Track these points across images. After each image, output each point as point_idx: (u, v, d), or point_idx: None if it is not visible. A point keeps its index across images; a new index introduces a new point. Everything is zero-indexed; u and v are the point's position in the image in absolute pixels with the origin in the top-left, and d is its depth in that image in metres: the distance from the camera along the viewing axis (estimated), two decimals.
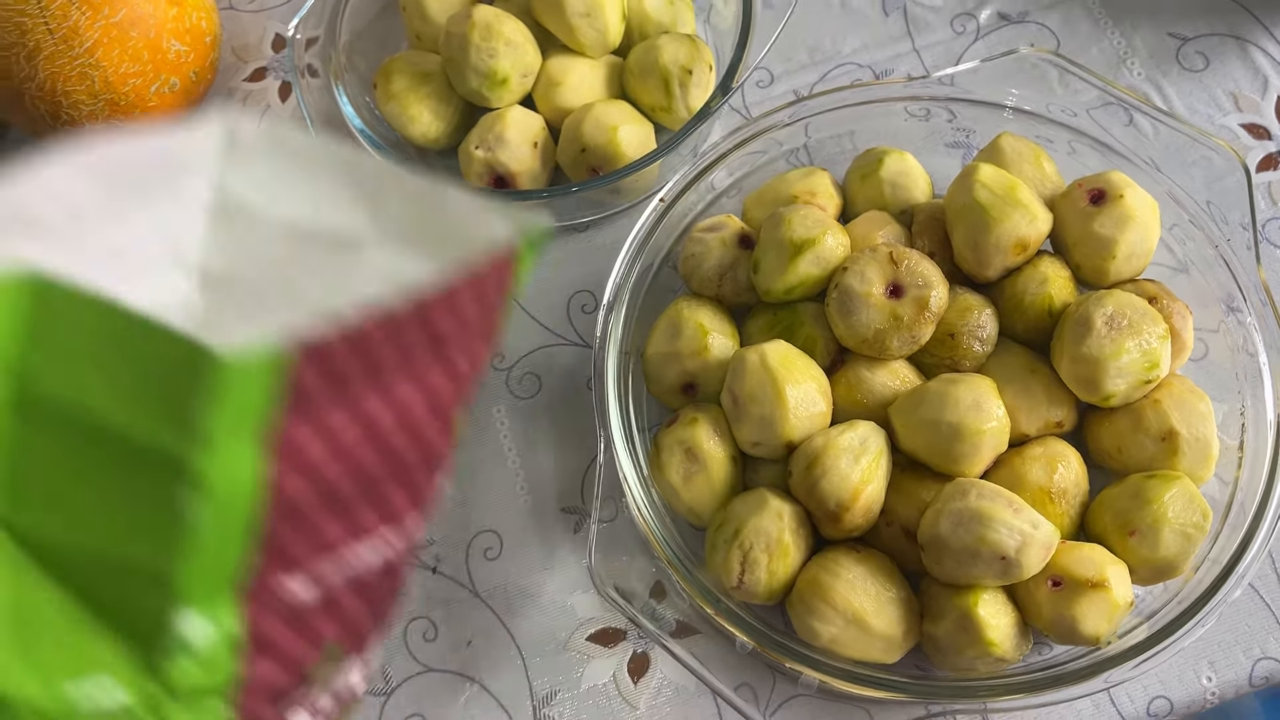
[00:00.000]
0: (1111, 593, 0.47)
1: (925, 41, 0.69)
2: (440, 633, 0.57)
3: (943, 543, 0.48)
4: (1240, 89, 0.65)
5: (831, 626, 0.49)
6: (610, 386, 0.55)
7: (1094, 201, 0.54)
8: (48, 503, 0.26)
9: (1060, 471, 0.51)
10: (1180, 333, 0.53)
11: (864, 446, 0.51)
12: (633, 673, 0.55)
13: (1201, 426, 0.51)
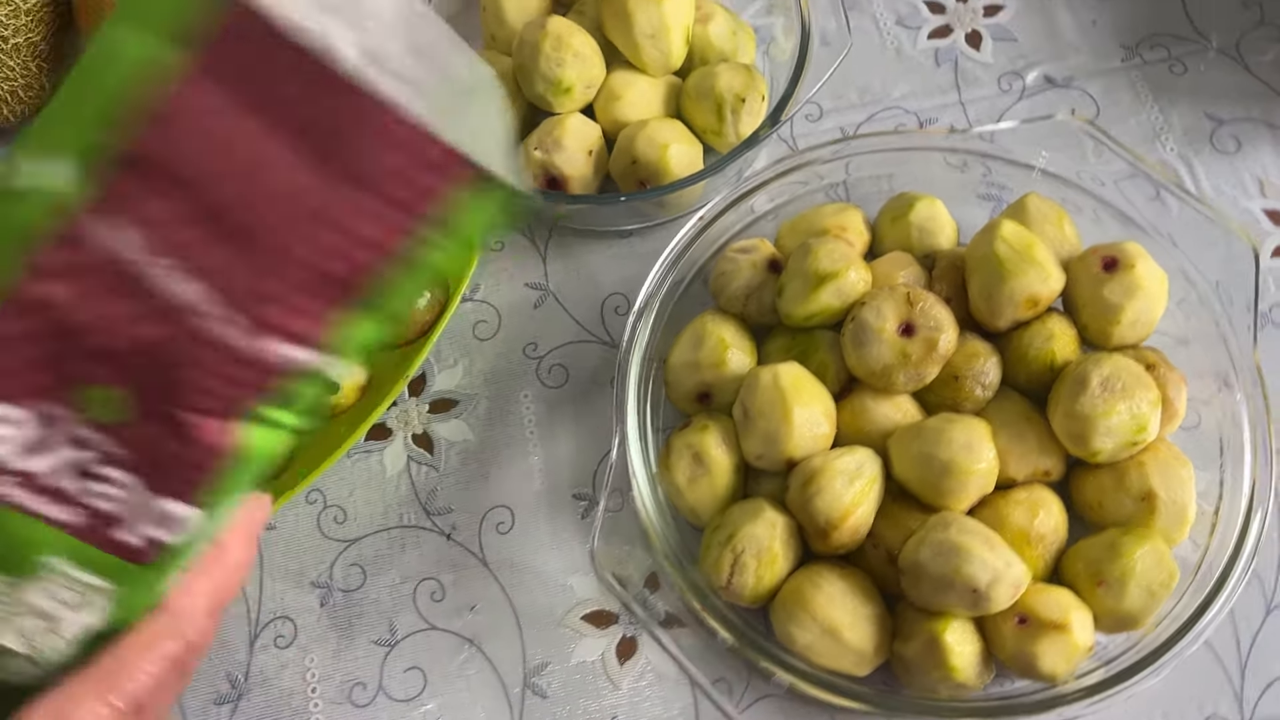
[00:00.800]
0: (1072, 635, 0.51)
1: (971, 95, 0.72)
2: (448, 595, 0.61)
3: (921, 569, 0.51)
4: (1268, 175, 0.67)
5: (808, 634, 0.53)
6: (631, 386, 0.59)
7: (1106, 268, 0.57)
8: None
9: (1041, 517, 0.54)
10: (1173, 401, 0.56)
11: (859, 471, 0.54)
12: (620, 655, 0.59)
13: (1180, 491, 0.54)
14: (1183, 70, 0.71)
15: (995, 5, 0.75)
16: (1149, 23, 0.73)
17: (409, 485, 0.64)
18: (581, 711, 0.58)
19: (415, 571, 0.62)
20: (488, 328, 0.68)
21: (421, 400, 0.66)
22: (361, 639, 0.61)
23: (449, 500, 0.64)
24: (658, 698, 0.58)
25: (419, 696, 0.59)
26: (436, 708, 0.59)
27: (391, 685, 0.59)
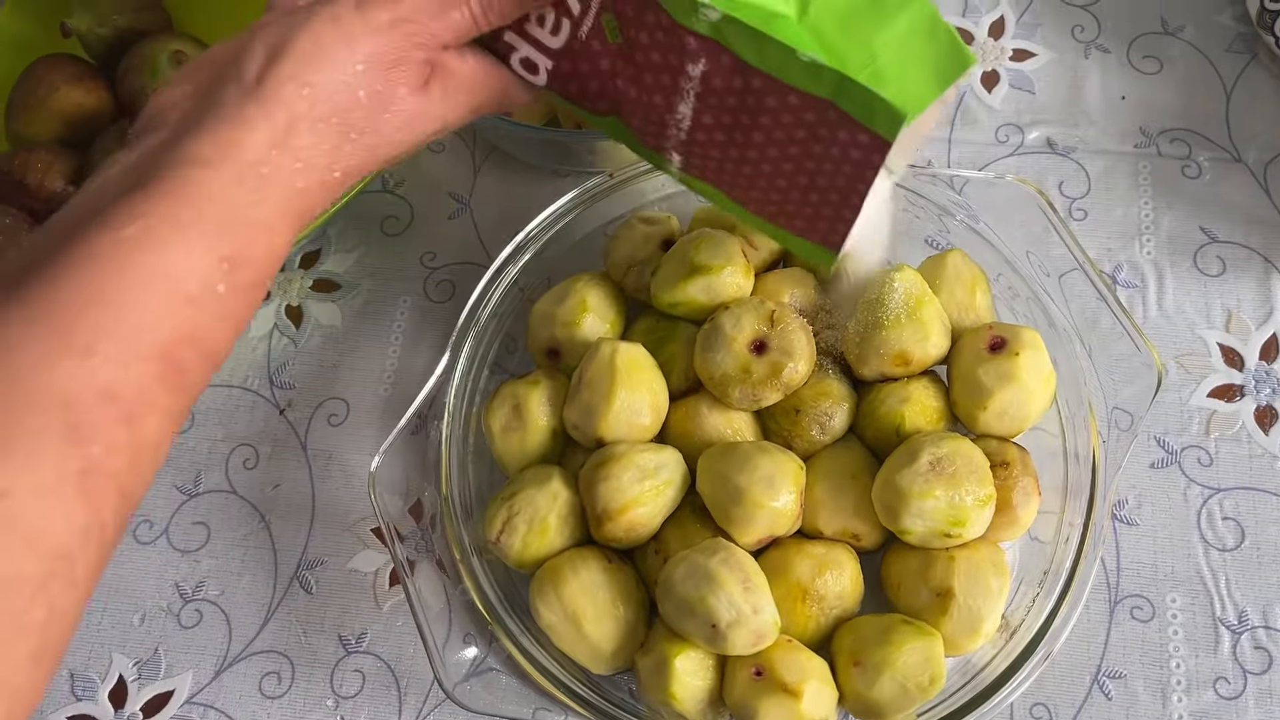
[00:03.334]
0: (800, 704, 0.48)
1: (964, 136, 0.67)
2: (259, 466, 0.61)
3: (670, 587, 0.49)
4: (1240, 309, 0.61)
5: (552, 614, 0.51)
6: (485, 315, 0.57)
7: (992, 348, 0.53)
8: None
9: (827, 578, 0.51)
10: (1015, 507, 0.52)
11: (657, 471, 0.52)
12: (393, 578, 0.58)
13: (982, 600, 0.50)
14: (1197, 174, 0.65)
15: (1027, 51, 0.69)
16: (1182, 115, 0.67)
17: (265, 351, 0.64)
18: (336, 617, 0.58)
19: (238, 435, 0.62)
20: (396, 224, 0.67)
21: (309, 274, 0.66)
22: (166, 480, 0.61)
23: (295, 378, 0.63)
24: (412, 631, 0.57)
25: (196, 551, 0.60)
26: (208, 567, 0.59)
27: (176, 533, 0.60)
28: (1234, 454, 0.58)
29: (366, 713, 0.55)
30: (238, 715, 0.56)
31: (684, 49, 0.41)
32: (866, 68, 0.39)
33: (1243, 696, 0.53)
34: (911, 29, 0.40)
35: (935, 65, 0.40)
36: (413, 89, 0.41)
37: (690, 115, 0.43)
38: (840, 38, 0.40)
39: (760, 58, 0.39)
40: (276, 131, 0.38)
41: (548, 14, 0.43)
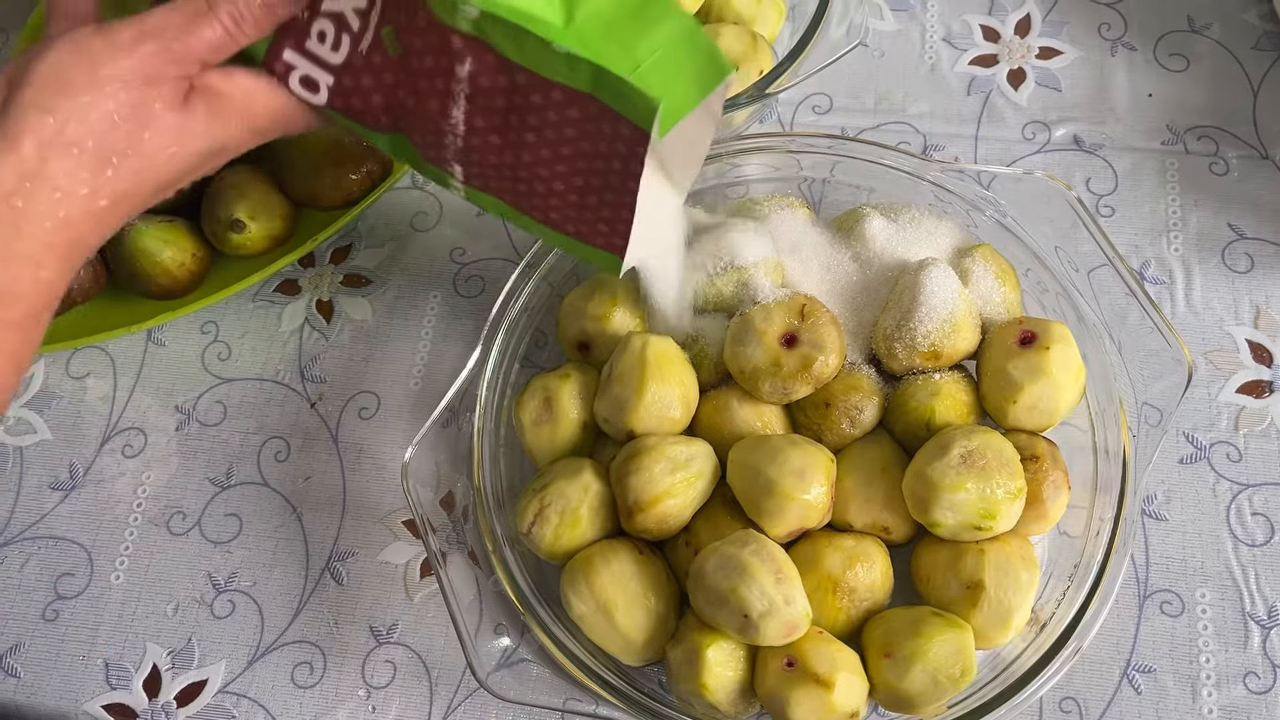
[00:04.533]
0: (832, 695, 0.48)
1: (990, 134, 0.68)
2: (290, 459, 0.62)
3: (702, 578, 0.49)
4: (1269, 305, 0.61)
5: (583, 605, 0.51)
6: (515, 310, 0.58)
7: (1023, 343, 0.53)
8: None
9: (858, 570, 0.51)
10: (1045, 501, 0.52)
11: (687, 464, 0.52)
12: (424, 569, 0.59)
13: (1012, 593, 0.50)
14: (1224, 170, 0.65)
15: (1053, 49, 0.70)
16: (1209, 113, 0.67)
17: (296, 345, 0.65)
18: (368, 608, 0.58)
19: (270, 427, 0.63)
20: (426, 219, 0.68)
21: (339, 270, 0.67)
22: (199, 473, 0.62)
23: (326, 371, 0.64)
24: (443, 622, 0.57)
25: (229, 543, 0.60)
26: (240, 558, 0.60)
27: (209, 524, 0.61)
28: (1263, 450, 0.58)
29: (398, 703, 0.56)
30: (270, 705, 0.56)
31: (450, 49, 0.41)
32: (630, 73, 0.40)
33: (1272, 691, 0.53)
34: (673, 37, 0.42)
35: (696, 73, 0.42)
36: (171, 107, 0.41)
37: (464, 119, 0.43)
38: (605, 45, 0.41)
39: (520, 53, 0.40)
40: (26, 161, 0.38)
41: (328, 30, 0.43)
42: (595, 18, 0.41)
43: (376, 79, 0.44)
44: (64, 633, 0.58)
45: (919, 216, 0.59)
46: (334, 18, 0.43)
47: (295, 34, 0.43)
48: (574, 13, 0.41)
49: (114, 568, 0.60)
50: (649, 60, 0.41)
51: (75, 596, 0.59)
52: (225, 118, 0.43)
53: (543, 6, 0.41)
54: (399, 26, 0.42)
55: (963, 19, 0.71)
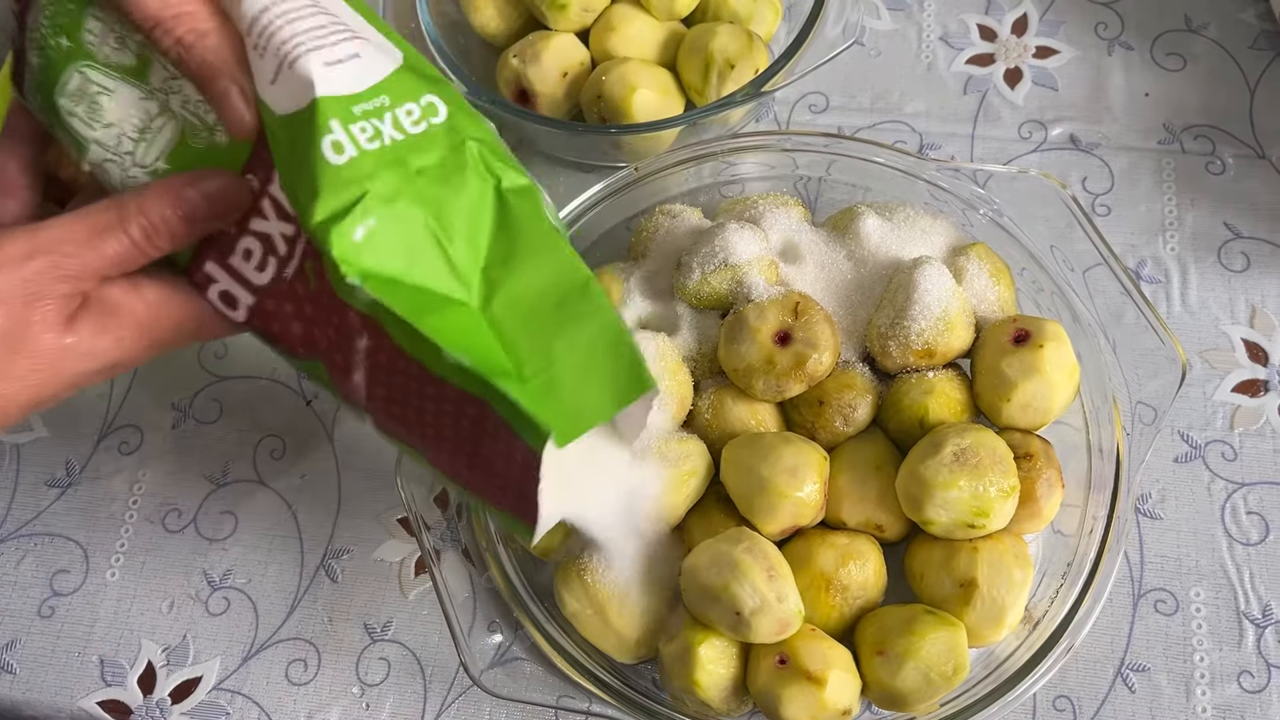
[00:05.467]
0: (824, 692, 0.48)
1: (986, 133, 0.68)
2: (286, 456, 0.62)
3: (695, 574, 0.49)
4: (1264, 306, 0.61)
5: (576, 603, 0.52)
6: None
7: (1016, 341, 0.53)
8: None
9: (851, 568, 0.51)
10: (1039, 500, 0.52)
11: (680, 461, 0.52)
12: (419, 566, 0.59)
13: (1005, 591, 0.50)
14: (1220, 170, 0.65)
15: (1050, 48, 0.70)
16: (1205, 112, 0.67)
17: None
18: (362, 605, 0.58)
19: (266, 425, 0.63)
20: None
21: None
22: (194, 470, 0.62)
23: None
24: (437, 619, 0.57)
25: (224, 540, 0.60)
26: (235, 556, 0.60)
27: (204, 521, 0.61)
28: (1258, 449, 0.58)
29: (392, 700, 0.56)
30: (264, 701, 0.56)
31: (347, 321, 0.38)
32: (543, 372, 0.37)
33: (1267, 690, 0.53)
34: (594, 339, 0.39)
35: (614, 383, 0.39)
36: (52, 328, 0.37)
37: (365, 385, 0.40)
38: (521, 335, 0.38)
39: (414, 347, 0.37)
40: None
41: (254, 249, 0.40)
42: (515, 304, 0.39)
43: (298, 308, 0.40)
44: (59, 629, 0.59)
45: (914, 215, 0.59)
46: (262, 238, 0.40)
47: (220, 247, 0.41)
48: (493, 294, 0.39)
49: (109, 565, 0.60)
50: (564, 360, 0.38)
51: (71, 593, 0.59)
52: (118, 335, 0.39)
53: (455, 286, 0.38)
54: (316, 270, 0.39)
55: (959, 18, 0.71)
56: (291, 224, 0.39)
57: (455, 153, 0.40)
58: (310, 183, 0.37)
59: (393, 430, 0.41)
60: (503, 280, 0.39)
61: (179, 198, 0.39)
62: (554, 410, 0.37)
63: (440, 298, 0.38)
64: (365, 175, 0.37)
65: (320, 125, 0.37)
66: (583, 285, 0.40)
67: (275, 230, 0.40)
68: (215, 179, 0.39)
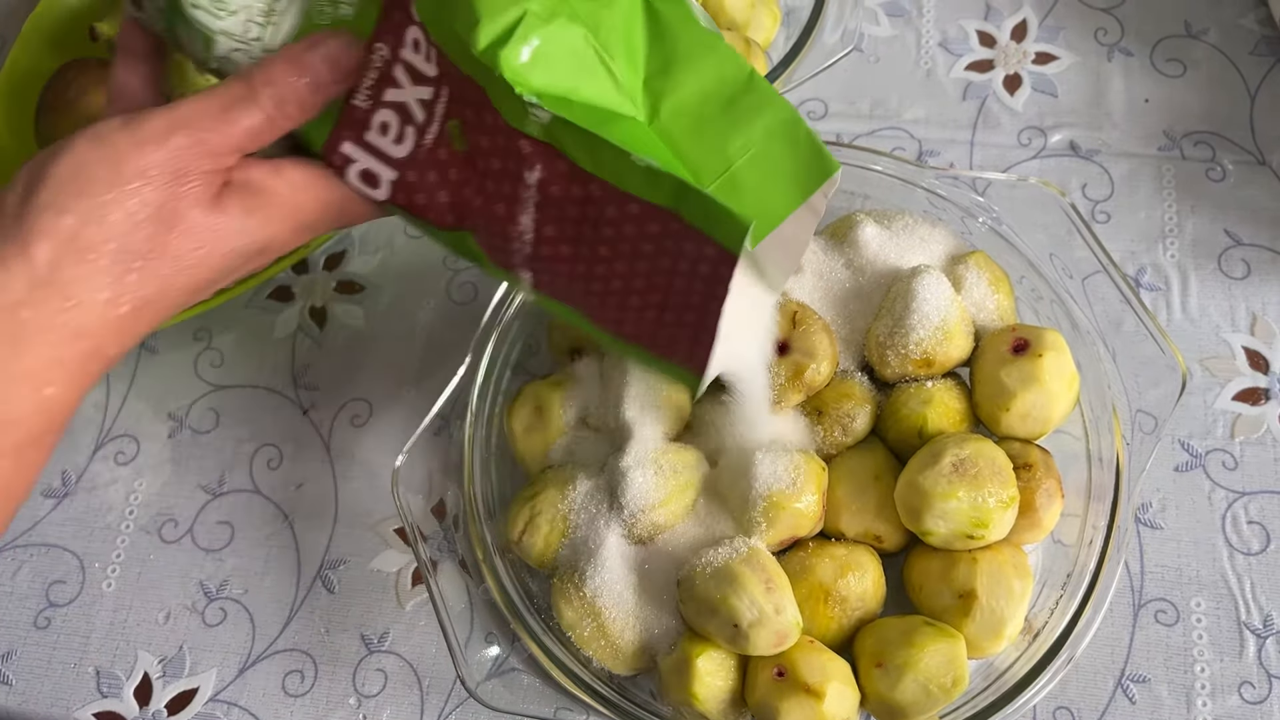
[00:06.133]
0: (822, 705, 0.47)
1: (986, 139, 0.67)
2: (282, 466, 0.62)
3: (692, 586, 0.49)
4: (1265, 313, 0.61)
5: (574, 614, 0.51)
6: (507, 317, 0.58)
7: (1015, 350, 0.53)
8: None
9: (849, 579, 0.51)
10: (1038, 510, 0.52)
11: (677, 470, 0.52)
12: (415, 577, 0.59)
13: (1005, 602, 0.50)
14: (1221, 176, 0.65)
15: (1049, 54, 0.69)
16: (1206, 119, 0.66)
17: (289, 352, 0.65)
18: (359, 616, 0.58)
19: (262, 435, 0.62)
20: None
21: (332, 276, 0.67)
22: (191, 480, 0.62)
23: (319, 379, 0.64)
24: (434, 631, 0.57)
25: (220, 551, 0.60)
26: (232, 566, 0.60)
27: (200, 532, 0.60)
28: (1259, 458, 0.58)
29: (389, 711, 0.56)
30: (261, 713, 0.56)
31: (519, 154, 0.37)
32: (721, 175, 0.37)
33: (1268, 701, 0.53)
34: (769, 133, 0.38)
35: (794, 173, 0.38)
36: (202, 205, 0.37)
37: (533, 227, 0.39)
38: (693, 143, 0.38)
39: (595, 163, 0.36)
40: (37, 268, 0.34)
41: (391, 121, 0.40)
42: (683, 112, 0.38)
43: (442, 175, 0.40)
44: (55, 640, 0.58)
45: (912, 223, 0.59)
46: (397, 109, 0.40)
47: (355, 125, 0.40)
48: (659, 106, 0.38)
49: (106, 575, 0.60)
50: (742, 160, 0.37)
51: (67, 604, 0.59)
52: (265, 215, 0.39)
53: (622, 101, 0.38)
54: (465, 122, 0.39)
55: (959, 24, 0.71)
56: (427, 86, 0.39)
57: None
58: (467, 11, 0.36)
59: (555, 283, 0.40)
60: (666, 90, 0.38)
61: (301, 63, 0.39)
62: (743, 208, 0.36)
63: (611, 114, 0.37)
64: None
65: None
66: (748, 80, 0.38)
67: (411, 97, 0.39)
68: (333, 40, 0.39)
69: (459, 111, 0.38)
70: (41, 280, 0.34)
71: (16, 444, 0.33)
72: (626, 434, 0.52)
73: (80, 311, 0.35)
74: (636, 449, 0.52)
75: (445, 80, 0.39)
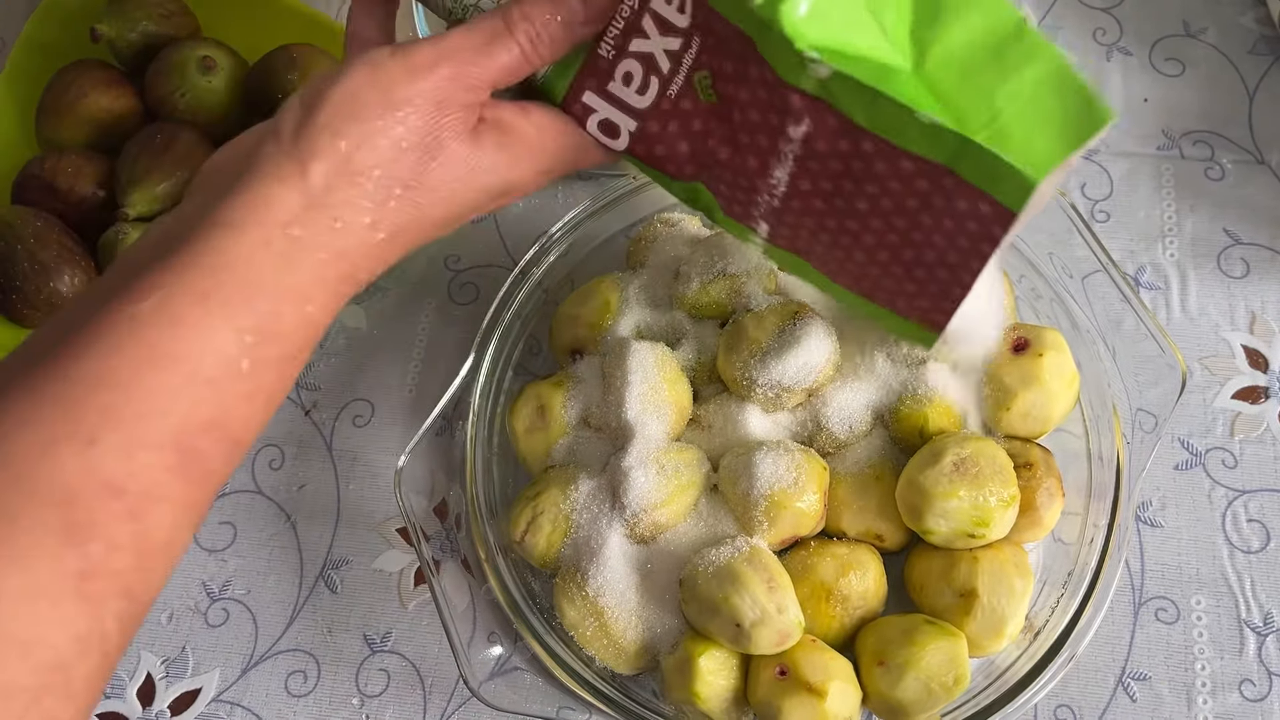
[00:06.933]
0: (824, 703, 0.48)
1: None
2: (284, 467, 0.62)
3: (694, 585, 0.49)
4: (1264, 312, 0.61)
5: (576, 613, 0.51)
6: (508, 317, 0.58)
7: (1016, 350, 0.53)
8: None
9: (851, 578, 0.51)
10: (1039, 508, 0.52)
11: (679, 469, 0.52)
12: (418, 577, 0.59)
13: (1005, 601, 0.50)
14: (1220, 176, 0.65)
15: None
16: (1205, 118, 0.66)
17: None
18: (362, 616, 0.58)
19: (264, 435, 0.63)
20: None
21: None
22: None
23: (320, 379, 0.64)
24: (437, 630, 0.57)
25: (223, 551, 0.60)
26: (235, 567, 0.60)
27: (203, 533, 0.61)
28: (1259, 456, 0.58)
29: (392, 711, 0.56)
30: (264, 713, 0.56)
31: (787, 108, 0.37)
32: (988, 126, 0.36)
33: (1268, 698, 0.53)
34: (1039, 82, 0.36)
35: (1064, 123, 0.36)
36: (460, 137, 0.38)
37: (787, 180, 0.39)
38: (959, 92, 0.37)
39: (871, 119, 0.36)
40: (312, 188, 0.35)
41: (635, 71, 0.40)
42: (950, 61, 0.37)
43: (684, 126, 0.40)
44: None
45: None
46: (643, 59, 0.39)
47: (598, 75, 0.40)
48: (926, 54, 0.37)
49: None
50: (1010, 110, 0.36)
51: None
52: (515, 154, 0.40)
53: (891, 52, 0.37)
54: (716, 73, 0.38)
55: None
56: (676, 37, 0.38)
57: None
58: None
59: (796, 236, 0.40)
60: (933, 39, 0.37)
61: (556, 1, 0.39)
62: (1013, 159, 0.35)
63: (883, 66, 0.36)
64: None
65: None
66: (1017, 28, 0.37)
67: (658, 48, 0.39)
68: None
69: (712, 62, 0.38)
70: (315, 200, 0.35)
71: (280, 356, 0.34)
72: (628, 434, 0.53)
73: (345, 233, 0.36)
74: (638, 449, 0.52)
75: (697, 31, 0.38)
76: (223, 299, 0.33)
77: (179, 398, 0.32)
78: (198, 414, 0.32)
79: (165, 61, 0.66)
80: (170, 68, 0.66)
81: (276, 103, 0.63)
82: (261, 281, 0.34)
